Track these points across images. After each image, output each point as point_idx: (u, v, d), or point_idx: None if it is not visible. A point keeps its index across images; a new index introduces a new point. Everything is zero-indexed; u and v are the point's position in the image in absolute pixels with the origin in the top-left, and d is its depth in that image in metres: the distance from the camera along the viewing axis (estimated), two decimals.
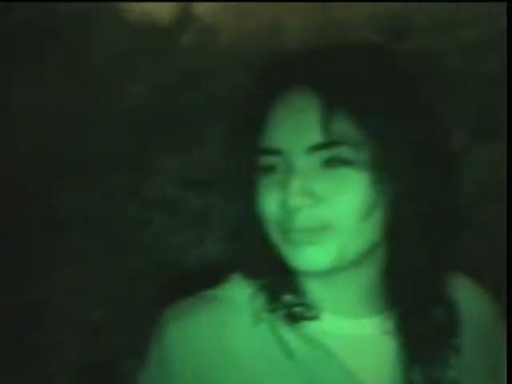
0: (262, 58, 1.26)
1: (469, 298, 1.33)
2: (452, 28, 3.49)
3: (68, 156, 2.98)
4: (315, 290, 1.23)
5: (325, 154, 1.13)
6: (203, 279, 1.34)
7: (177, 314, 1.25)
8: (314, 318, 1.22)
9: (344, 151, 1.12)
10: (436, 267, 1.22)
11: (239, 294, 1.25)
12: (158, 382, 1.26)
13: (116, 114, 3.18)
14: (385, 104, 1.14)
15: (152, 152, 3.02)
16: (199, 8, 3.82)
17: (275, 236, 1.19)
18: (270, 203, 1.17)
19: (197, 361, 1.21)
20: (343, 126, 1.12)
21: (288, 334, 1.21)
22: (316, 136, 1.12)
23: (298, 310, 1.23)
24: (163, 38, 3.69)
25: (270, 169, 1.17)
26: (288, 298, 1.24)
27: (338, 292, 1.22)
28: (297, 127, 1.14)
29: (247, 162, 1.21)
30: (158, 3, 3.85)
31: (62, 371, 3.04)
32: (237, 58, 3.13)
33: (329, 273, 1.17)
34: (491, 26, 3.50)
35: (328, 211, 1.13)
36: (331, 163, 1.13)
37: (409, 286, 1.21)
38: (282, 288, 1.25)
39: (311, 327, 1.22)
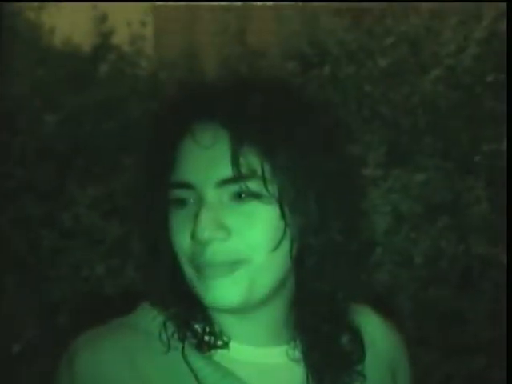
0: (177, 88, 1.27)
1: (371, 325, 1.35)
2: (368, 56, 3.56)
3: None
4: (225, 320, 1.24)
5: (234, 187, 1.14)
6: (123, 308, 1.34)
7: (86, 342, 1.24)
8: (223, 346, 1.24)
9: (253, 185, 1.14)
10: (341, 295, 1.24)
11: (149, 322, 1.25)
12: None
13: (33, 143, 3.15)
14: (291, 138, 1.16)
15: (71, 181, 2.99)
16: (117, 37, 3.82)
17: (187, 270, 1.19)
18: (181, 236, 1.18)
19: None
20: (252, 160, 1.14)
21: (198, 361, 1.21)
22: (225, 170, 1.13)
23: (207, 338, 1.24)
24: (81, 67, 3.67)
25: (182, 202, 1.18)
26: (198, 327, 1.25)
27: (248, 323, 1.24)
28: (206, 161, 1.16)
29: (158, 194, 1.22)
30: (78, 32, 3.83)
31: None
32: (155, 87, 3.14)
33: (240, 309, 1.19)
34: (408, 53, 3.59)
35: (238, 244, 1.15)
36: (241, 197, 1.15)
37: (315, 315, 1.23)
38: (192, 317, 1.25)
39: (221, 355, 1.23)
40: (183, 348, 1.21)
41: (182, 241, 1.17)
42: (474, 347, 3.10)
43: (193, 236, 1.14)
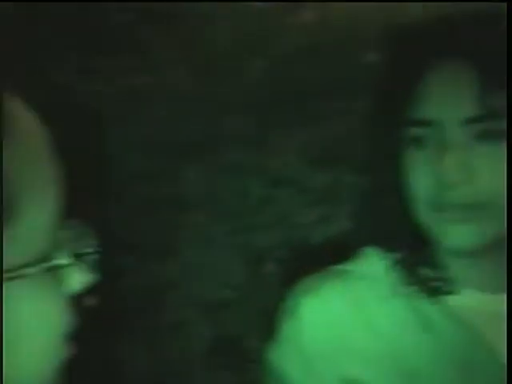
0: (385, 32, 1.22)
1: None
2: None
3: (194, 137, 2.99)
4: (457, 264, 1.19)
5: (479, 126, 1.09)
6: (331, 256, 1.32)
7: (309, 289, 1.24)
8: (454, 292, 1.19)
9: (497, 124, 1.08)
10: None
11: (373, 268, 1.23)
12: (292, 358, 1.24)
13: (238, 91, 3.17)
14: None
15: (278, 128, 2.99)
16: None
17: (423, 212, 1.15)
18: (420, 178, 1.14)
19: (333, 335, 1.20)
20: (496, 98, 1.07)
21: (427, 307, 1.17)
22: (471, 108, 1.09)
23: (437, 284, 1.19)
24: (281, 14, 3.65)
25: (418, 141, 1.14)
26: (426, 271, 1.21)
27: (482, 267, 1.18)
28: (450, 99, 1.11)
29: (392, 134, 1.18)
30: None
31: (191, 348, 3.08)
32: (355, 33, 3.07)
33: (478, 251, 1.13)
34: None
35: (483, 187, 1.10)
36: (485, 137, 1.09)
37: None
38: (420, 262, 1.22)
39: (452, 302, 1.19)
40: (410, 293, 1.18)
41: (421, 182, 1.13)
42: None
43: (436, 179, 1.10)
